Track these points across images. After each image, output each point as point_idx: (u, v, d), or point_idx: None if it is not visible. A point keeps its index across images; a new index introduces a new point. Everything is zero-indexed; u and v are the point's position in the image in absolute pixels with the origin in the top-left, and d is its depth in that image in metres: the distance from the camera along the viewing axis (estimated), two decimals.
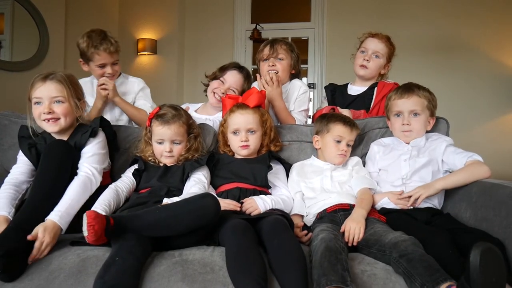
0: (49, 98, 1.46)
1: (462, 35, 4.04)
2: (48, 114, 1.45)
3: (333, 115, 1.72)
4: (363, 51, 2.08)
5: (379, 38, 2.07)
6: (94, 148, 1.50)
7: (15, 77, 3.06)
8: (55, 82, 1.46)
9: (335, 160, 1.64)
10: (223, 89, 1.96)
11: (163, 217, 1.21)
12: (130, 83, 2.14)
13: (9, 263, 1.11)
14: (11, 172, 1.49)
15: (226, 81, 1.98)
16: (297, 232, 1.44)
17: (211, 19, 4.52)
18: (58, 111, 1.46)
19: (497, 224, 1.27)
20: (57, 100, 1.47)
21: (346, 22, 4.17)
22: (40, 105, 1.46)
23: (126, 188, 1.53)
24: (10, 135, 1.81)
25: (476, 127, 3.99)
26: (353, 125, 1.66)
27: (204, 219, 1.22)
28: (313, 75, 4.47)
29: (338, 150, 1.62)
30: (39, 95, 1.46)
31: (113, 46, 1.97)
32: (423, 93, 1.64)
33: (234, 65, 2.02)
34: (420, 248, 1.15)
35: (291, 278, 1.08)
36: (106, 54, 1.95)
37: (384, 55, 2.06)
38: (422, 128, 1.65)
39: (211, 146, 1.80)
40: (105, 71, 1.98)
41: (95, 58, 1.96)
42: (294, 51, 2.07)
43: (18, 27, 3.21)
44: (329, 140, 1.64)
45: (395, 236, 1.22)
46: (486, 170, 1.47)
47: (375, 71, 2.07)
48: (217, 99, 1.97)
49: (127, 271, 1.06)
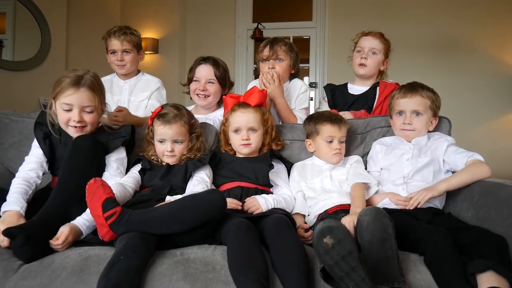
0: (80, 106, 1.45)
1: (463, 35, 4.04)
2: (78, 122, 1.46)
3: (319, 115, 1.70)
4: (359, 50, 2.08)
5: (372, 35, 2.08)
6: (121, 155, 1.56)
7: (17, 77, 3.07)
8: (87, 90, 1.45)
9: (332, 160, 1.64)
10: (201, 86, 1.96)
11: (171, 210, 1.22)
12: (147, 81, 2.21)
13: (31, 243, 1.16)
14: (24, 164, 1.51)
15: (200, 78, 1.97)
16: (301, 233, 1.43)
17: (213, 18, 4.53)
18: (87, 120, 1.48)
19: (499, 224, 1.27)
20: (88, 111, 1.48)
21: (348, 21, 4.16)
22: (69, 112, 1.46)
23: (133, 183, 1.52)
24: (11, 134, 1.82)
25: (477, 126, 3.98)
26: (341, 121, 1.65)
27: (211, 212, 1.23)
28: (314, 75, 4.47)
29: (332, 150, 1.62)
30: (69, 102, 1.45)
31: (126, 36, 2.09)
32: (427, 93, 1.64)
33: (199, 60, 2.02)
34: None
35: (293, 276, 1.09)
36: (116, 41, 2.09)
37: (381, 51, 2.06)
38: (424, 128, 1.64)
39: (213, 145, 1.80)
40: (116, 58, 2.11)
41: (108, 45, 2.13)
42: (293, 50, 2.07)
43: (19, 26, 3.22)
44: (320, 142, 1.64)
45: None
46: (487, 170, 1.47)
47: (374, 68, 2.07)
48: (201, 98, 1.97)
49: (131, 270, 1.06)
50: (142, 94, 2.16)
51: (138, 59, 2.20)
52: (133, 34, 2.14)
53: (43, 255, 1.18)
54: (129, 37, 2.11)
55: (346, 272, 1.03)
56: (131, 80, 2.20)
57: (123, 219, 1.18)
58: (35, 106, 3.19)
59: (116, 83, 2.21)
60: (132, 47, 2.12)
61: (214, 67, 1.97)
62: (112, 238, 1.20)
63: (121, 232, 1.18)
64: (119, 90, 2.20)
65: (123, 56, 2.11)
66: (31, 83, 3.13)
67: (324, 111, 1.76)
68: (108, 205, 1.18)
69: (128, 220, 1.18)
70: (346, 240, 1.05)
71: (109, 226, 1.17)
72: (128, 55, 2.13)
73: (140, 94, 2.17)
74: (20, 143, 1.82)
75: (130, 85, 2.19)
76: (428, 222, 1.42)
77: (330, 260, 1.04)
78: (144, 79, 2.22)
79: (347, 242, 1.05)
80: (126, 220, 1.18)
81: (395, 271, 1.09)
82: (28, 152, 1.56)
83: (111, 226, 1.17)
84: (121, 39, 2.08)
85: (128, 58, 2.13)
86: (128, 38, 2.10)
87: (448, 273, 1.12)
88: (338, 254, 1.03)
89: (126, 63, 2.13)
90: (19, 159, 1.65)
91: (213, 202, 1.24)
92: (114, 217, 1.17)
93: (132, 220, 1.19)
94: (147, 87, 2.19)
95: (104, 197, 1.19)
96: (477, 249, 1.17)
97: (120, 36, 2.08)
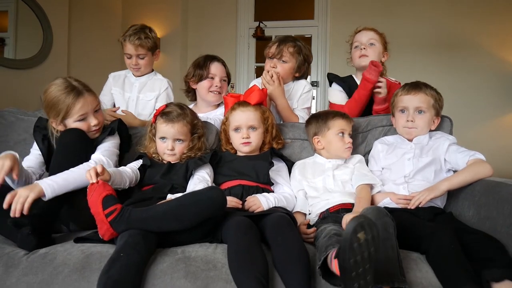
0: (92, 111, 1.53)
1: (464, 33, 4.03)
2: (97, 125, 1.55)
3: (326, 112, 1.73)
4: (357, 45, 2.08)
5: (365, 29, 2.09)
6: (109, 145, 1.57)
7: (19, 75, 3.07)
8: (89, 95, 1.52)
9: (344, 154, 1.64)
10: (217, 83, 2.00)
11: (171, 208, 1.22)
12: (157, 81, 2.23)
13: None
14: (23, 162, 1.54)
15: (215, 75, 2.01)
16: (304, 230, 1.43)
17: (214, 17, 4.52)
18: (100, 119, 1.57)
19: (500, 223, 1.27)
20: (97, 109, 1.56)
21: (350, 20, 4.13)
22: (85, 121, 1.53)
23: (129, 173, 1.52)
24: (16, 132, 1.83)
25: (479, 125, 3.97)
26: (348, 116, 1.69)
27: (211, 209, 1.24)
28: (316, 73, 4.47)
29: (345, 143, 1.62)
30: (84, 112, 1.51)
31: (140, 41, 2.08)
32: (430, 92, 1.64)
33: (211, 58, 2.04)
34: None
35: (294, 274, 1.09)
36: (131, 46, 2.09)
37: (378, 41, 2.05)
38: (426, 126, 1.64)
39: (213, 144, 1.81)
40: (131, 62, 2.13)
41: (124, 48, 2.14)
42: (301, 53, 2.03)
43: (21, 25, 3.22)
44: (332, 137, 1.63)
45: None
46: (488, 168, 1.47)
47: (376, 58, 2.03)
48: (216, 95, 2.02)
49: (132, 267, 1.07)
50: (150, 94, 2.18)
51: (153, 60, 2.22)
52: (148, 38, 2.11)
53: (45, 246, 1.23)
54: (144, 42, 2.09)
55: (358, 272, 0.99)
56: (142, 78, 2.22)
57: (123, 216, 1.18)
58: (36, 104, 3.19)
59: (129, 79, 2.25)
60: (147, 51, 2.13)
61: (224, 65, 2.05)
62: (112, 237, 1.20)
63: (121, 229, 1.18)
64: (130, 87, 2.23)
65: (138, 60, 2.14)
66: (33, 81, 3.13)
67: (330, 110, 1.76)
68: (108, 202, 1.19)
69: (128, 218, 1.18)
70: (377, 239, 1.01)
71: (110, 223, 1.17)
72: (143, 60, 2.15)
73: (148, 93, 2.19)
74: (25, 141, 1.83)
75: (140, 83, 2.22)
76: (430, 221, 1.41)
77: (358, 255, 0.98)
78: (154, 79, 2.23)
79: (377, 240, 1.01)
80: (127, 217, 1.18)
81: (395, 271, 1.08)
82: None
83: (112, 223, 1.18)
84: (135, 44, 2.08)
85: (143, 62, 2.15)
86: (143, 43, 2.08)
87: (454, 272, 1.11)
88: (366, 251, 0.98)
89: (141, 66, 2.16)
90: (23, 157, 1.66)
91: (213, 199, 1.25)
92: (115, 214, 1.18)
93: (132, 218, 1.19)
94: (156, 87, 2.20)
95: (104, 193, 1.20)
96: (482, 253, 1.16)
97: (134, 42, 2.07)
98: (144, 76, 2.22)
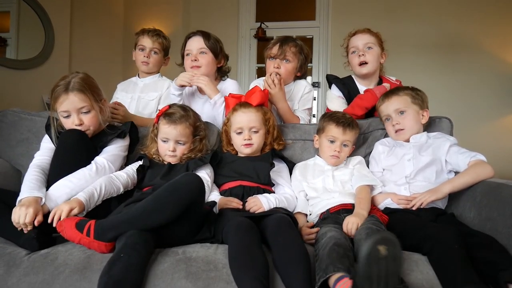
0: (76, 110, 1.50)
1: (466, 34, 4.02)
2: (80, 126, 1.51)
3: (331, 114, 1.70)
4: (354, 50, 2.03)
5: (360, 32, 2.04)
6: (116, 149, 1.57)
7: (20, 75, 3.08)
8: (77, 93, 1.49)
9: (328, 161, 1.64)
10: (193, 57, 1.93)
11: (150, 202, 1.22)
12: (161, 81, 2.25)
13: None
14: (35, 158, 1.53)
15: (191, 49, 1.95)
16: (307, 231, 1.42)
17: (216, 18, 4.52)
18: (86, 121, 1.52)
19: (501, 224, 1.27)
20: (85, 111, 1.52)
21: (351, 21, 4.12)
22: (69, 118, 1.51)
23: (123, 179, 1.50)
24: (19, 132, 1.84)
25: (480, 126, 3.96)
26: (348, 125, 1.62)
27: (189, 194, 1.24)
28: (317, 74, 4.46)
29: (331, 151, 1.61)
30: (65, 109, 1.50)
31: (159, 37, 2.23)
32: (404, 92, 1.68)
33: (188, 34, 2.02)
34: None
35: (294, 275, 1.09)
36: (148, 39, 2.21)
37: (375, 44, 2.01)
38: (414, 123, 1.65)
39: (215, 145, 1.81)
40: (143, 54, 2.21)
41: (139, 41, 2.24)
42: (302, 52, 2.03)
43: (23, 25, 3.23)
44: (324, 140, 1.65)
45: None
46: (490, 170, 1.47)
47: (375, 62, 2.01)
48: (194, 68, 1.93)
49: (132, 267, 1.07)
50: (153, 94, 2.19)
51: (162, 62, 2.28)
52: (165, 39, 2.28)
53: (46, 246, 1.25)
54: (161, 39, 2.24)
55: None
56: (147, 79, 2.26)
57: (101, 225, 1.19)
58: (38, 104, 3.20)
59: (134, 81, 2.29)
60: (161, 49, 2.24)
61: (204, 37, 1.95)
62: (109, 248, 1.19)
63: (111, 236, 1.18)
64: (134, 88, 2.25)
65: (150, 54, 2.21)
66: (35, 81, 3.14)
67: (339, 113, 1.73)
68: (81, 225, 1.20)
69: (107, 225, 1.19)
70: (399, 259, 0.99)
71: (95, 238, 1.18)
72: (155, 56, 2.23)
73: (151, 93, 2.20)
74: (28, 141, 1.83)
75: (144, 83, 2.25)
76: (431, 222, 1.41)
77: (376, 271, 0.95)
78: (158, 80, 2.26)
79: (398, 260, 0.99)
80: (105, 225, 1.19)
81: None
82: (36, 150, 1.59)
83: (96, 238, 1.18)
84: (153, 38, 2.21)
85: (154, 58, 2.23)
86: (160, 40, 2.23)
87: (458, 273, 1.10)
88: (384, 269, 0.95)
89: (150, 62, 2.22)
90: (26, 156, 1.67)
91: (189, 184, 1.25)
92: (92, 228, 1.19)
93: (114, 222, 1.20)
94: (159, 87, 2.21)
95: (73, 223, 1.21)
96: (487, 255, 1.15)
97: (153, 36, 2.21)
98: (149, 77, 2.25)
